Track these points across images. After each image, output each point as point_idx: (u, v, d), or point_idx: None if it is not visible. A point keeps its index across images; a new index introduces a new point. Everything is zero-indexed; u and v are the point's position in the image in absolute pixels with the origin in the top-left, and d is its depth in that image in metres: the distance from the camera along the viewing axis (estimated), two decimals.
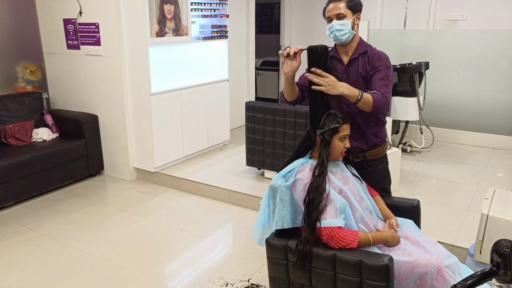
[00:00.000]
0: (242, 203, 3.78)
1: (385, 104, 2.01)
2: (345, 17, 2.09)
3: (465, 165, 4.57)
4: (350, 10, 2.09)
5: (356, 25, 2.13)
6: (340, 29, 2.10)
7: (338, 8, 2.08)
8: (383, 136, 2.28)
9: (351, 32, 2.11)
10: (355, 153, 2.22)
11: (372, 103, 1.96)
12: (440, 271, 1.73)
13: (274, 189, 1.89)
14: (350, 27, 2.10)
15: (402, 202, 2.25)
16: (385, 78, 2.07)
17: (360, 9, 2.15)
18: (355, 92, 1.92)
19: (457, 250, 2.78)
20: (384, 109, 2.02)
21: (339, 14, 2.08)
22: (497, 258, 1.10)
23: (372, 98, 1.96)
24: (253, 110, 3.94)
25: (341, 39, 2.13)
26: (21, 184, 3.71)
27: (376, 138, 2.23)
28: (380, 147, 2.26)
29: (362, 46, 2.18)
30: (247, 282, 2.68)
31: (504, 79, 5.04)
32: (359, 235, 1.77)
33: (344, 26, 2.09)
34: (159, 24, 3.99)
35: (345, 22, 2.08)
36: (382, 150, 2.28)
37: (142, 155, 4.29)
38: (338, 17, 2.09)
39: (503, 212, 2.24)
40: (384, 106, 2.01)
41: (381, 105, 1.99)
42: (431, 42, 5.39)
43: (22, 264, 2.90)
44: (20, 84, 4.49)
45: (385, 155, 2.31)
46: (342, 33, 2.10)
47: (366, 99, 1.95)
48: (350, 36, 2.12)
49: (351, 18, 2.09)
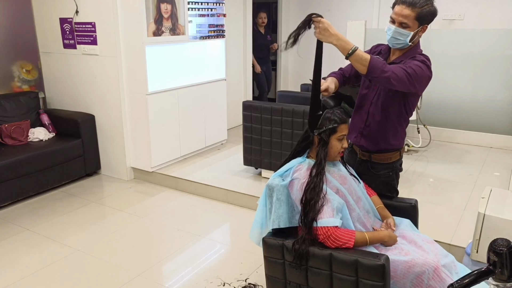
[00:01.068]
0: (239, 203, 3.78)
1: (385, 71, 1.82)
2: (408, 28, 1.94)
3: (462, 164, 4.58)
4: (417, 21, 1.93)
5: (418, 36, 2.00)
6: (397, 38, 1.99)
7: (405, 16, 1.93)
8: (396, 145, 2.18)
9: (407, 44, 1.99)
10: (362, 151, 2.21)
11: (368, 62, 1.80)
12: (437, 271, 1.73)
13: (271, 188, 1.88)
14: (408, 39, 1.97)
15: (399, 201, 2.24)
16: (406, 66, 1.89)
17: (429, 21, 1.97)
18: (348, 45, 1.79)
19: (454, 249, 2.78)
20: (382, 74, 1.82)
21: (403, 23, 1.94)
22: (493, 257, 1.10)
23: (370, 58, 1.81)
24: (250, 109, 3.94)
25: (394, 46, 2.05)
26: (17, 184, 3.70)
27: (386, 143, 2.16)
28: (388, 153, 2.18)
29: (411, 52, 2.04)
30: (245, 282, 2.68)
31: (501, 79, 5.05)
32: (355, 235, 1.76)
33: (402, 36, 1.97)
34: (156, 23, 3.98)
35: (406, 33, 1.96)
36: (389, 157, 2.19)
37: (139, 154, 4.28)
38: (401, 25, 1.95)
39: (500, 211, 2.25)
40: (381, 71, 1.82)
41: (378, 68, 1.81)
42: (428, 41, 5.39)
43: (18, 264, 2.89)
44: (16, 83, 4.48)
45: (392, 163, 2.21)
46: (398, 42, 2.01)
47: (360, 55, 1.80)
48: (405, 46, 2.02)
49: (414, 30, 1.95)
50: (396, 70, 1.86)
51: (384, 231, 1.92)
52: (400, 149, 2.23)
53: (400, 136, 2.21)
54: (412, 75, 1.89)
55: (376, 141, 2.17)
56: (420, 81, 1.95)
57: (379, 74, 1.83)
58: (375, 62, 1.82)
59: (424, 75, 1.96)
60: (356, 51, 1.80)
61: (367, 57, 1.81)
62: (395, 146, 2.20)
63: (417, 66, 1.92)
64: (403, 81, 1.88)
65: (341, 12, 6.21)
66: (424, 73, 1.95)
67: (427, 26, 1.99)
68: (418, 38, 2.04)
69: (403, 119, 2.15)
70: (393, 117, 2.12)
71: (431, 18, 1.97)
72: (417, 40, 2.06)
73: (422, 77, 1.95)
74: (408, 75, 1.88)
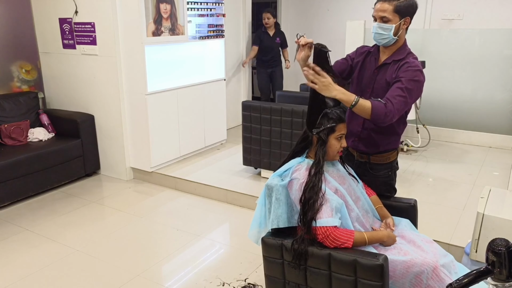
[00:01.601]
0: (238, 203, 3.78)
1: (387, 114, 1.88)
2: (390, 21, 1.98)
3: (461, 164, 4.58)
4: (397, 14, 1.97)
5: (402, 30, 2.03)
6: (380, 33, 2.02)
7: (384, 10, 1.98)
8: (392, 145, 2.20)
9: (392, 38, 2.02)
10: (360, 153, 2.21)
11: (370, 111, 1.86)
12: (436, 270, 1.73)
13: (270, 188, 1.89)
14: (392, 33, 2.00)
15: (399, 201, 2.25)
16: (403, 89, 1.93)
17: (411, 13, 2.01)
18: (350, 97, 1.85)
19: (453, 249, 2.78)
20: (386, 119, 1.89)
21: (383, 17, 1.99)
22: (492, 257, 1.10)
23: (371, 106, 1.86)
24: (249, 109, 3.94)
25: (380, 42, 2.07)
26: (17, 184, 3.70)
27: (383, 144, 2.17)
28: (386, 154, 2.20)
29: (401, 52, 2.07)
30: (244, 282, 2.68)
31: (500, 78, 5.05)
32: (354, 235, 1.76)
33: (385, 31, 2.01)
34: (155, 23, 3.98)
35: (388, 27, 1.99)
36: (388, 157, 2.20)
37: (139, 154, 4.28)
38: (382, 20, 2.00)
39: (499, 211, 2.25)
40: (385, 116, 1.87)
41: (380, 115, 1.87)
42: (427, 41, 5.40)
43: (18, 265, 2.89)
44: (15, 83, 4.48)
45: (390, 162, 2.22)
46: (382, 37, 2.03)
47: (363, 105, 1.85)
48: (390, 42, 2.04)
49: (396, 22, 1.98)
50: (395, 107, 1.90)
51: (383, 231, 1.92)
52: (397, 148, 2.25)
53: (399, 136, 2.22)
54: (408, 96, 1.94)
55: (376, 144, 2.18)
56: (417, 95, 2.01)
57: (383, 120, 1.90)
58: (376, 110, 1.87)
59: (419, 86, 2.00)
60: (359, 102, 1.85)
61: (369, 106, 1.87)
62: (393, 146, 2.21)
63: (412, 81, 1.95)
64: (403, 108, 1.95)
65: (340, 12, 6.22)
66: (420, 84, 2.00)
67: (409, 19, 2.02)
68: (403, 33, 2.06)
69: (401, 119, 2.16)
70: None
71: (411, 10, 2.01)
72: (403, 36, 2.08)
73: (418, 91, 2.00)
74: (405, 100, 1.93)
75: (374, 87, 2.12)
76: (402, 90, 1.93)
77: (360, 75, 2.19)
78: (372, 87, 2.12)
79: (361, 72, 2.19)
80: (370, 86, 2.13)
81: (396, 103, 1.91)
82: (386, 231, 1.93)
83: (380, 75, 2.11)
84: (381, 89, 2.08)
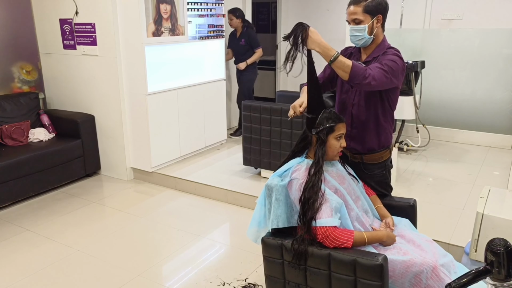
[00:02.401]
0: (239, 203, 3.79)
1: (366, 76, 1.86)
2: (362, 22, 2.02)
3: (461, 163, 4.59)
4: (368, 14, 2.02)
5: (377, 28, 2.06)
6: (356, 35, 2.05)
7: (354, 13, 2.03)
8: (384, 143, 2.22)
9: (368, 37, 2.05)
10: (353, 153, 2.22)
11: (350, 69, 1.84)
12: (435, 270, 1.74)
13: (270, 188, 1.89)
14: (366, 33, 2.03)
15: (398, 201, 2.25)
16: (382, 64, 1.95)
17: (382, 11, 2.04)
18: (330, 52, 1.84)
19: (453, 249, 2.79)
20: (364, 81, 1.87)
21: (355, 19, 2.03)
22: (491, 256, 1.11)
23: (351, 64, 1.85)
24: (249, 109, 3.94)
25: (357, 44, 2.09)
26: (17, 184, 3.70)
27: (375, 143, 2.19)
28: (379, 153, 2.21)
29: (380, 49, 2.10)
30: (244, 282, 2.69)
31: (500, 78, 5.05)
32: (354, 235, 1.77)
33: (359, 32, 2.04)
34: (156, 24, 3.99)
35: (361, 28, 2.03)
36: (381, 156, 2.22)
37: (139, 155, 4.29)
38: (354, 22, 2.04)
39: (498, 211, 2.26)
40: (363, 78, 1.86)
41: (359, 74, 1.86)
42: (427, 41, 5.40)
43: (19, 265, 2.90)
44: (16, 84, 4.48)
45: (384, 161, 2.24)
46: (358, 39, 2.06)
47: (342, 62, 1.84)
48: (367, 41, 2.07)
49: (369, 22, 2.02)
50: (375, 73, 1.91)
51: (382, 230, 1.93)
52: (389, 146, 2.27)
53: (389, 133, 2.24)
54: (389, 72, 1.95)
55: (365, 141, 2.19)
56: (397, 75, 2.01)
57: (361, 80, 1.88)
58: (357, 68, 1.87)
59: (399, 68, 2.02)
60: (338, 58, 1.85)
61: (349, 64, 1.86)
62: (384, 144, 2.22)
63: (391, 61, 1.98)
64: (382, 81, 1.94)
65: (340, 12, 6.22)
66: (399, 66, 2.02)
67: (381, 16, 2.06)
68: (378, 30, 2.09)
69: (388, 114, 2.19)
70: (379, 114, 2.15)
71: (381, 8, 2.04)
72: (379, 33, 2.11)
73: (398, 71, 2.01)
74: (385, 74, 1.94)
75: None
76: (382, 65, 1.96)
77: None
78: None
79: None
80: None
81: (374, 70, 1.92)
82: (386, 231, 1.93)
83: None
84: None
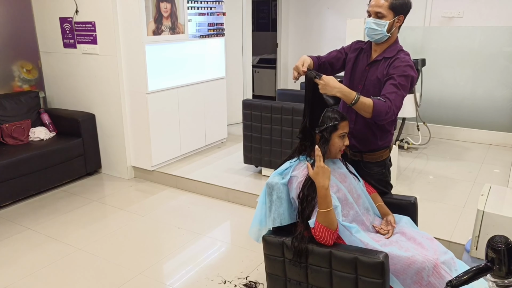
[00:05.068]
0: (239, 201, 3.79)
1: (388, 111, 1.89)
2: (384, 17, 2.00)
3: (461, 161, 4.59)
4: (392, 10, 2.00)
5: (395, 28, 2.05)
6: (374, 28, 2.03)
7: (379, 5, 2.00)
8: (385, 143, 2.22)
9: (385, 34, 2.03)
10: (353, 151, 2.22)
11: (372, 109, 1.87)
12: (436, 267, 1.74)
13: (270, 187, 1.90)
14: (385, 29, 2.02)
15: (399, 199, 2.26)
16: (397, 85, 1.95)
17: (405, 11, 2.04)
18: (351, 95, 1.87)
19: (453, 246, 2.79)
20: (387, 116, 1.91)
21: (378, 12, 2.01)
22: (492, 253, 1.11)
23: (373, 103, 1.88)
24: (250, 108, 3.94)
25: (373, 38, 2.08)
26: (18, 183, 3.71)
27: (376, 143, 2.20)
28: (379, 152, 2.22)
29: (391, 50, 2.09)
30: (245, 280, 2.70)
31: (500, 76, 5.05)
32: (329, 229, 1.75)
33: (379, 26, 2.02)
34: (156, 22, 3.99)
35: (382, 23, 2.01)
36: (381, 155, 2.23)
37: (140, 153, 4.29)
38: (376, 15, 2.02)
39: (499, 208, 2.26)
40: (386, 114, 1.89)
41: (382, 112, 1.88)
42: (428, 38, 5.40)
43: (20, 263, 2.90)
44: (16, 83, 4.48)
45: (383, 160, 2.25)
46: (376, 33, 2.04)
47: (363, 103, 1.87)
48: (383, 38, 2.06)
49: (391, 19, 2.01)
50: (395, 103, 1.92)
51: None
52: (389, 146, 2.28)
53: (389, 133, 2.25)
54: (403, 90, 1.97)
55: (367, 139, 2.20)
56: (409, 88, 2.03)
57: (384, 116, 1.91)
58: (378, 107, 1.88)
59: (411, 80, 2.03)
60: (360, 100, 1.87)
61: (370, 104, 1.88)
62: (385, 144, 2.23)
63: (404, 76, 1.98)
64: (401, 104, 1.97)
65: (340, 10, 6.21)
66: (411, 78, 2.02)
67: (403, 17, 2.05)
68: (395, 31, 2.08)
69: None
70: None
71: (405, 9, 2.04)
72: (395, 34, 2.10)
73: (410, 84, 2.02)
74: (402, 95, 1.96)
75: (365, 84, 2.14)
76: (396, 87, 1.95)
77: (352, 72, 2.22)
78: (364, 84, 2.15)
79: (353, 68, 2.21)
80: (361, 82, 2.16)
81: (393, 100, 1.93)
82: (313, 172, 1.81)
83: (371, 72, 2.13)
84: (372, 86, 2.11)
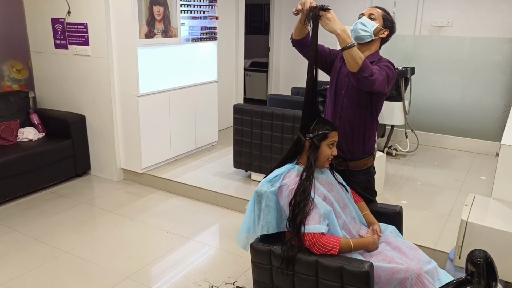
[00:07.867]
0: (228, 205, 3.80)
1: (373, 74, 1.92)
2: (375, 20, 2.17)
3: (448, 169, 4.66)
4: (383, 20, 2.18)
5: (379, 37, 2.19)
6: (364, 25, 2.15)
7: (375, 10, 2.19)
8: (369, 150, 2.28)
9: (371, 34, 2.15)
10: (338, 161, 2.26)
11: (362, 61, 1.90)
12: (420, 277, 1.78)
13: (259, 195, 1.92)
14: (373, 30, 2.15)
15: (385, 208, 2.30)
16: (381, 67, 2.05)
17: (391, 29, 2.21)
18: (349, 39, 1.92)
19: (438, 254, 2.84)
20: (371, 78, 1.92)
21: (372, 14, 2.17)
22: (471, 267, 1.15)
23: (364, 58, 1.93)
24: (241, 112, 3.96)
25: (359, 33, 2.16)
26: (6, 184, 3.68)
27: (360, 150, 2.25)
28: (363, 160, 2.28)
29: (373, 56, 2.19)
30: (233, 285, 2.71)
31: (488, 85, 5.14)
32: (340, 242, 1.80)
33: (369, 25, 2.15)
34: (148, 25, 3.99)
35: (372, 23, 2.15)
36: (365, 163, 2.29)
37: (130, 155, 4.28)
38: (369, 16, 2.17)
39: (482, 219, 2.30)
40: (371, 75, 1.91)
41: (368, 69, 1.92)
42: (418, 47, 5.47)
43: (6, 266, 2.89)
44: (6, 82, 4.45)
45: (368, 168, 2.31)
46: (364, 29, 2.15)
47: (357, 52, 1.90)
48: (367, 37, 2.16)
49: (380, 24, 2.16)
50: (379, 76, 1.98)
51: (369, 237, 1.96)
52: (373, 153, 2.34)
53: (373, 139, 2.31)
54: (385, 78, 2.04)
55: (352, 145, 2.24)
56: (390, 82, 2.11)
57: (368, 75, 1.93)
58: (368, 63, 1.94)
59: (393, 76, 2.12)
60: (355, 47, 1.91)
61: (362, 56, 1.93)
62: (369, 150, 2.29)
63: (387, 67, 2.08)
64: (382, 84, 2.02)
65: (335, 12, 6.25)
66: (392, 74, 2.11)
67: (388, 32, 2.20)
68: (378, 40, 2.20)
69: (374, 120, 2.26)
70: (366, 118, 2.22)
71: (392, 27, 2.22)
72: (377, 43, 2.21)
73: (392, 79, 2.12)
74: (384, 75, 2.03)
75: (348, 88, 2.20)
76: (381, 68, 2.04)
77: (337, 76, 2.27)
78: (346, 89, 2.21)
79: (338, 73, 2.27)
80: (344, 87, 2.22)
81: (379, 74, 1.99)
82: (372, 238, 1.97)
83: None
84: (355, 91, 2.15)
